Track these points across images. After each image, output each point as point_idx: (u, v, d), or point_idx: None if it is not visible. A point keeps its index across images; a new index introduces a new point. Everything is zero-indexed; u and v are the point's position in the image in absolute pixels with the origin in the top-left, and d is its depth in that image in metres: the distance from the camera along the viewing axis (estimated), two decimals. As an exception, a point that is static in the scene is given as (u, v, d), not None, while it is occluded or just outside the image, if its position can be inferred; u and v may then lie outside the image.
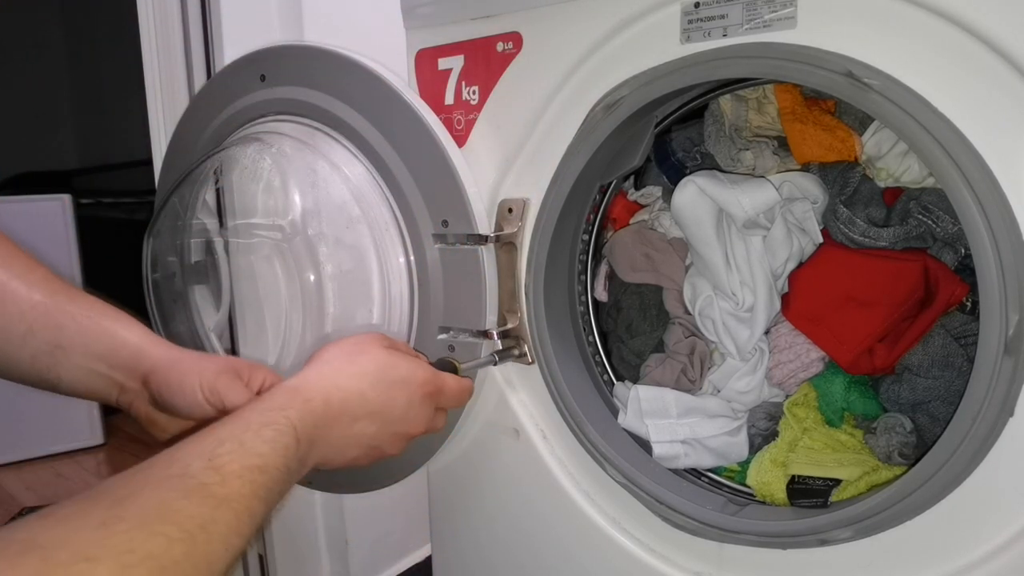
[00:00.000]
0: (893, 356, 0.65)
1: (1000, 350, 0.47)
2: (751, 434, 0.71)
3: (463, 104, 0.72)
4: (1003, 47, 0.46)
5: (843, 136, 0.67)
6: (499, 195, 0.71)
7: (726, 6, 0.55)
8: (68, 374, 0.57)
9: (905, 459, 0.61)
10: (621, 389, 0.75)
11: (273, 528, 1.27)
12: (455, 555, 0.84)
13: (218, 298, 0.86)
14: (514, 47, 0.67)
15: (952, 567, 0.52)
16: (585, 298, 0.79)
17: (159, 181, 0.93)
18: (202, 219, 0.85)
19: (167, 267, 0.86)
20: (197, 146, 0.85)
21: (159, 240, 0.84)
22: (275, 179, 0.74)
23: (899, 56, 0.49)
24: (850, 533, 0.55)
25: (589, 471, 0.70)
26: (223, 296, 0.85)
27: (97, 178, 2.38)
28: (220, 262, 0.85)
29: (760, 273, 0.70)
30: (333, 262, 0.71)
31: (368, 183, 0.72)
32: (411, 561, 1.42)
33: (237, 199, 0.81)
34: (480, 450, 0.78)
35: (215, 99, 0.83)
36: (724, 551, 0.63)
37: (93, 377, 0.58)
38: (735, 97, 0.73)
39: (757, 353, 0.72)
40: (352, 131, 0.72)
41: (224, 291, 0.85)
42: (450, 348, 0.72)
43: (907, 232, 0.64)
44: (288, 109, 0.76)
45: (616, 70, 0.62)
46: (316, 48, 0.75)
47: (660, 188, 0.82)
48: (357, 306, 0.71)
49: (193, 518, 0.37)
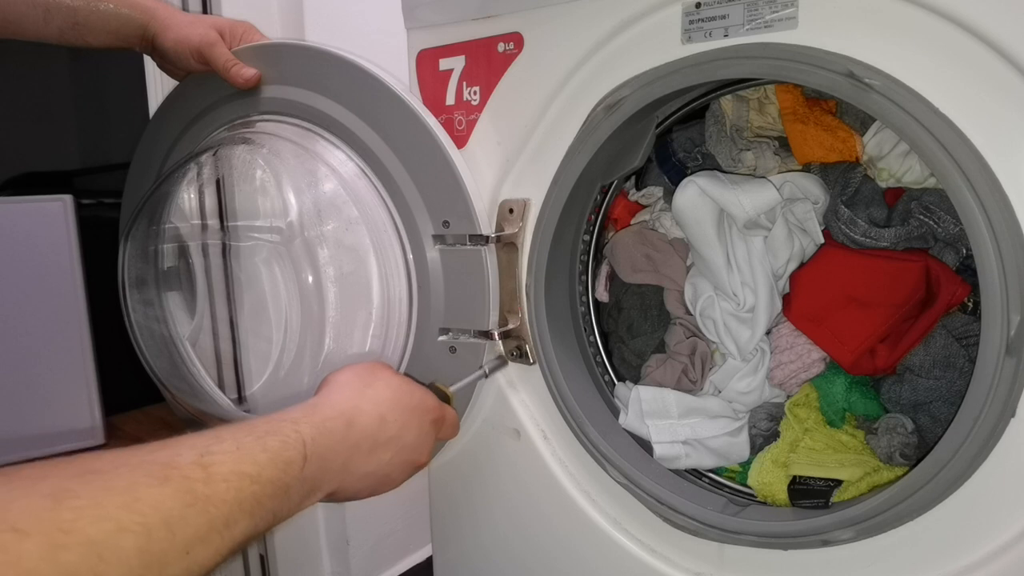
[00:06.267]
0: (894, 357, 0.65)
1: (1002, 351, 0.47)
2: (752, 435, 0.71)
3: (464, 105, 0.72)
4: (1004, 47, 0.45)
5: (844, 136, 0.67)
6: (500, 195, 0.71)
7: (727, 6, 0.55)
8: (95, 40, 0.73)
9: (906, 460, 0.61)
10: (622, 390, 0.75)
11: (273, 528, 1.27)
12: (456, 555, 0.84)
13: (192, 305, 0.84)
14: (515, 47, 0.67)
15: (954, 568, 0.52)
16: (586, 298, 0.79)
17: (128, 182, 0.91)
18: (175, 223, 0.83)
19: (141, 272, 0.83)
20: (174, 147, 0.83)
21: (134, 244, 0.82)
22: (269, 180, 0.74)
23: (900, 56, 0.49)
24: (851, 534, 0.55)
25: (590, 471, 0.70)
26: (198, 303, 0.83)
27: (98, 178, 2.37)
28: (195, 268, 0.83)
29: (761, 273, 0.70)
30: (334, 264, 0.70)
31: (364, 184, 0.72)
32: (412, 561, 1.42)
33: (229, 201, 0.80)
34: (481, 450, 0.78)
35: (191, 99, 0.82)
36: (725, 552, 0.63)
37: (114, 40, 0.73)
38: (736, 97, 0.73)
39: (758, 353, 0.72)
40: (345, 131, 0.72)
41: (199, 298, 0.83)
42: (451, 349, 0.71)
43: (908, 232, 0.64)
44: (277, 109, 0.75)
45: (617, 70, 0.62)
46: (306, 47, 0.75)
47: (661, 188, 0.81)
48: (357, 308, 0.71)
49: (158, 510, 0.33)
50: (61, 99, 2.67)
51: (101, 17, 0.71)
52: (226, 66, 0.73)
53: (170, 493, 0.34)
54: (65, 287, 1.15)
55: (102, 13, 0.71)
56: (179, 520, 0.34)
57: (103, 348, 1.20)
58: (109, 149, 2.51)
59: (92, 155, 2.65)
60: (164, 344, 0.83)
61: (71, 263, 1.14)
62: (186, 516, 0.34)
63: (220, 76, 0.74)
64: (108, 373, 1.22)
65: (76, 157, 2.68)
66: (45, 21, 0.70)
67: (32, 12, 0.69)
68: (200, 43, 0.73)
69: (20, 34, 0.70)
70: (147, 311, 0.82)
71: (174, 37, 0.73)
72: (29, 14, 0.69)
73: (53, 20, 0.70)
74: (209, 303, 0.84)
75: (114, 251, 0.81)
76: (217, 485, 0.37)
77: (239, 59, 0.74)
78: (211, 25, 0.75)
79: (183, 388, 0.81)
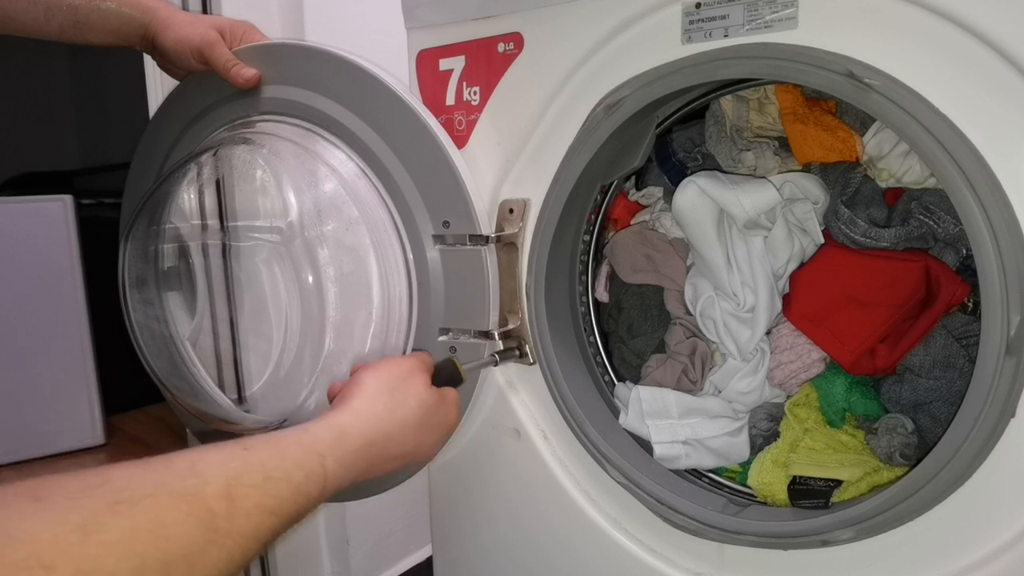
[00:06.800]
0: (894, 357, 0.65)
1: (1001, 351, 0.47)
2: (752, 435, 0.71)
3: (464, 105, 0.72)
4: (1003, 47, 0.46)
5: (844, 136, 0.67)
6: (500, 195, 0.71)
7: (727, 6, 0.55)
8: (96, 38, 0.73)
9: (906, 460, 0.61)
10: (622, 390, 0.75)
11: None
12: (456, 555, 0.84)
13: (193, 306, 0.84)
14: (515, 48, 0.67)
15: (954, 568, 0.52)
16: (586, 298, 0.79)
17: (128, 182, 0.91)
18: (176, 223, 0.83)
19: (141, 272, 0.83)
20: (174, 147, 0.83)
21: (134, 244, 0.82)
22: (269, 180, 0.73)
23: (900, 56, 0.49)
24: (851, 534, 0.55)
25: (590, 471, 0.70)
26: (198, 303, 0.83)
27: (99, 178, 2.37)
28: (195, 268, 0.83)
29: (761, 273, 0.70)
30: (334, 264, 0.70)
31: (364, 184, 0.72)
32: (412, 561, 1.42)
33: (229, 201, 0.80)
34: (481, 450, 0.78)
35: (191, 99, 0.82)
36: (725, 552, 0.63)
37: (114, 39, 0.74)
38: (736, 97, 0.73)
39: (758, 354, 0.72)
40: (345, 131, 0.72)
41: (199, 298, 0.83)
42: (451, 349, 0.71)
43: (908, 233, 0.64)
44: (277, 109, 0.76)
45: (617, 70, 0.62)
46: (306, 47, 0.75)
47: (661, 189, 0.81)
48: (357, 308, 0.71)
49: (180, 545, 0.34)
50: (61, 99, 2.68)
51: (102, 16, 0.72)
52: (226, 66, 0.73)
53: (193, 527, 0.35)
54: (65, 287, 1.15)
55: (103, 12, 0.72)
56: (199, 554, 0.35)
57: (103, 348, 1.20)
58: (109, 149, 2.51)
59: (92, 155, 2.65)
60: (164, 344, 0.83)
61: (71, 263, 1.14)
62: (206, 550, 0.36)
63: (220, 76, 0.74)
64: (108, 373, 1.22)
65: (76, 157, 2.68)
66: (46, 19, 0.70)
67: (33, 10, 0.70)
68: (200, 43, 0.73)
69: (20, 32, 0.70)
70: (147, 311, 0.82)
71: (174, 36, 0.74)
72: (30, 11, 0.70)
73: (54, 18, 0.70)
74: (209, 303, 0.84)
75: (114, 251, 0.81)
76: (239, 520, 0.38)
77: (239, 59, 0.74)
78: (211, 25, 0.75)
79: (183, 388, 0.81)
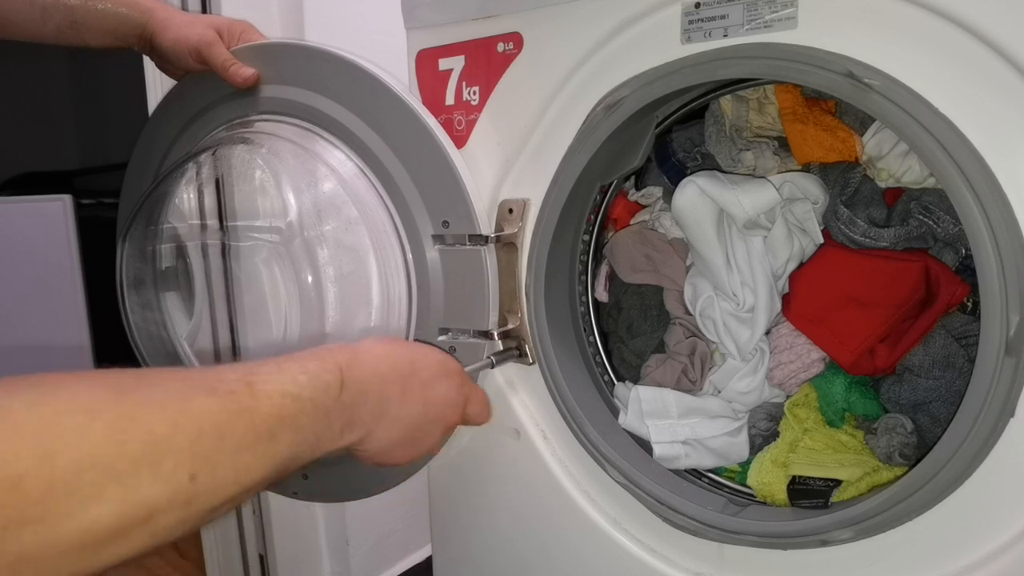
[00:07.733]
0: (894, 357, 0.65)
1: (1001, 351, 0.47)
2: (752, 435, 0.71)
3: (464, 105, 0.72)
4: (1003, 47, 0.46)
5: (844, 136, 0.67)
6: (499, 195, 0.71)
7: (727, 6, 0.55)
8: (93, 39, 0.73)
9: (906, 460, 0.61)
10: (622, 389, 0.75)
11: (274, 528, 1.27)
12: (456, 555, 0.84)
13: (190, 306, 0.84)
14: (515, 47, 0.67)
15: (954, 568, 0.52)
16: (586, 298, 0.79)
17: (126, 181, 0.90)
18: (174, 223, 0.83)
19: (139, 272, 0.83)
20: (172, 147, 0.83)
21: (132, 244, 0.81)
22: (269, 180, 0.73)
23: (900, 56, 0.49)
24: (851, 534, 0.55)
25: (590, 471, 0.70)
26: (196, 304, 0.83)
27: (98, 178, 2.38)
28: (193, 268, 0.83)
29: (761, 273, 0.70)
30: (334, 264, 0.70)
31: (364, 184, 0.71)
32: (412, 561, 1.42)
33: (228, 201, 0.80)
34: (481, 450, 0.78)
35: (190, 98, 0.81)
36: (724, 552, 0.63)
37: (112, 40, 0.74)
38: (736, 97, 0.73)
39: (758, 353, 0.72)
40: (344, 131, 0.72)
41: (197, 298, 0.83)
42: (451, 349, 0.71)
43: (908, 232, 0.64)
44: (276, 109, 0.75)
45: (617, 70, 0.62)
46: (305, 46, 0.75)
47: (661, 188, 0.81)
48: (357, 308, 0.71)
49: (208, 417, 0.35)
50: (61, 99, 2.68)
51: (99, 16, 0.71)
52: (224, 65, 0.73)
53: (218, 403, 0.36)
54: (65, 287, 1.15)
55: (100, 12, 0.71)
56: (227, 426, 0.36)
57: (103, 348, 1.20)
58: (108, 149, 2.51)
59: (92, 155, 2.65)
60: (163, 344, 0.83)
61: (71, 263, 1.14)
62: (233, 424, 0.36)
63: (218, 75, 0.74)
64: (108, 373, 1.22)
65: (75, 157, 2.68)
66: (43, 20, 0.70)
67: (29, 11, 0.69)
68: (198, 42, 0.73)
69: (17, 34, 0.70)
70: (145, 312, 0.82)
71: (172, 36, 0.73)
72: (26, 13, 0.69)
73: (51, 19, 0.70)
74: (208, 303, 0.84)
75: (114, 251, 0.81)
76: (261, 400, 0.39)
77: (238, 59, 0.74)
78: (209, 24, 0.75)
79: (183, 388, 0.81)
